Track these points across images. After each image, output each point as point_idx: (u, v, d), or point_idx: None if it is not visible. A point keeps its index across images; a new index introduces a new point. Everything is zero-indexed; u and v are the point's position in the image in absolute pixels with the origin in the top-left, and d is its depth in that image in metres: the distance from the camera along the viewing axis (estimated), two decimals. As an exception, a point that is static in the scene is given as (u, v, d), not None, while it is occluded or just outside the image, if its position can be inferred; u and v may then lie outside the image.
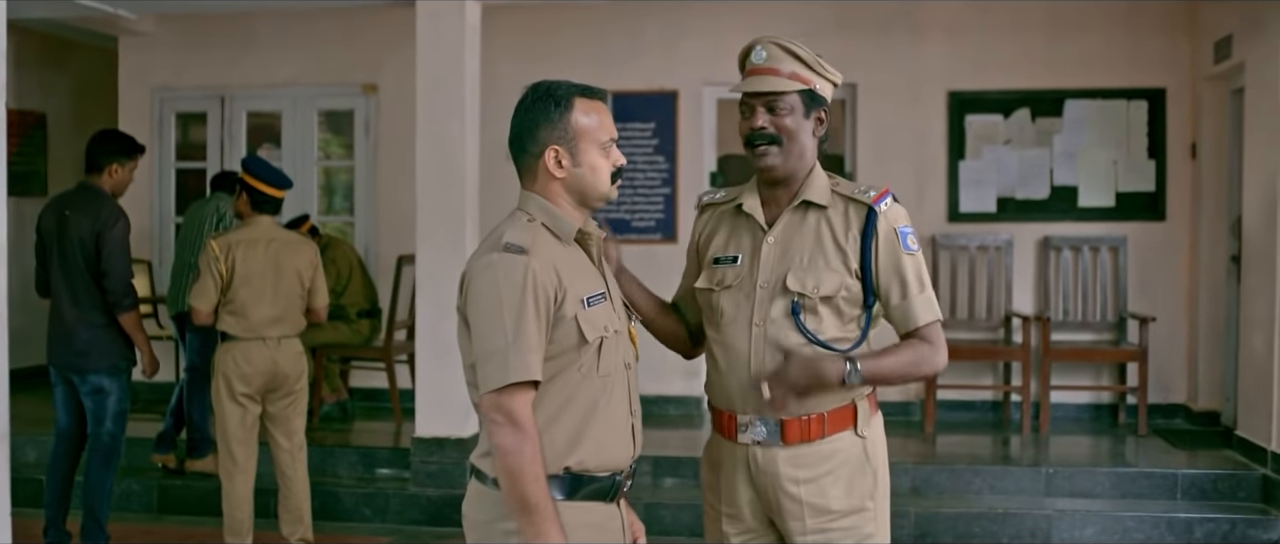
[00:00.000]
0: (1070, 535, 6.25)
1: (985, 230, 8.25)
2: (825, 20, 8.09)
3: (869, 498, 2.95)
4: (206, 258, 5.46)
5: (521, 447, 2.47)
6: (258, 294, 5.48)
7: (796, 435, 2.91)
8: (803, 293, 2.91)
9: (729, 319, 2.97)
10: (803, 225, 2.98)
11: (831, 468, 2.92)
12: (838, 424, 2.92)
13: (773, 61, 2.95)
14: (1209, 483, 6.54)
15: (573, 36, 8.47)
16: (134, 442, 6.59)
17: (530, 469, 2.46)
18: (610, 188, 2.71)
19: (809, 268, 2.93)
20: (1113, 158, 8.22)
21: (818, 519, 2.92)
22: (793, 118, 2.94)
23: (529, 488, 2.46)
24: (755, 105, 2.96)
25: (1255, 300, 6.82)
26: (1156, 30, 8.12)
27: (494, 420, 2.50)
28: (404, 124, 8.26)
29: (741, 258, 3.00)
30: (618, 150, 2.72)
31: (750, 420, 2.94)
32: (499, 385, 2.48)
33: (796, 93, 2.94)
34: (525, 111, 2.68)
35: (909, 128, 8.26)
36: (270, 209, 5.63)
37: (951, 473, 6.72)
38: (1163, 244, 8.18)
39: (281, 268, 5.54)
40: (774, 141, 2.94)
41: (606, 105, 2.72)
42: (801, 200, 2.98)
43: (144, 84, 8.98)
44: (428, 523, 6.59)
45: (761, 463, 2.95)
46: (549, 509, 2.47)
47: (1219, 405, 7.86)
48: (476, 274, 2.57)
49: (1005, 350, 7.98)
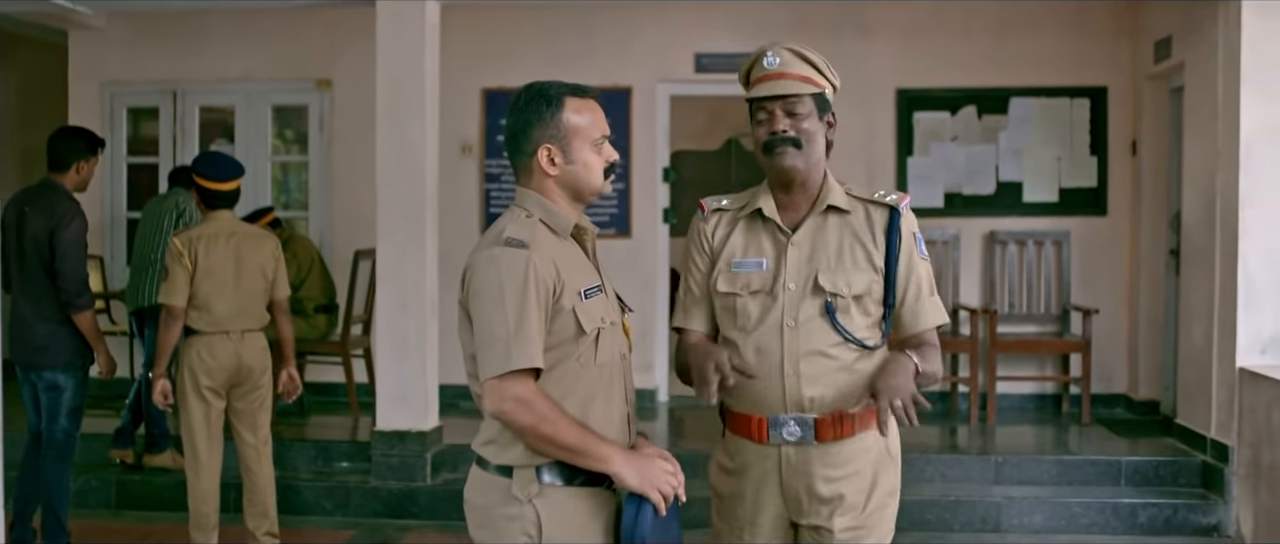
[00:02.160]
0: (1019, 522, 6.44)
1: (933, 225, 8.43)
2: (778, 20, 8.23)
3: (890, 494, 3.06)
4: (171, 253, 5.47)
5: (540, 414, 2.59)
6: (220, 288, 5.49)
7: (830, 433, 2.97)
8: (836, 292, 2.98)
9: (757, 321, 3.02)
10: (826, 228, 3.04)
11: (860, 466, 3.00)
12: (865, 422, 2.99)
13: (786, 66, 3.00)
14: (1151, 470, 6.76)
15: (526, 34, 8.55)
16: (90, 438, 6.59)
17: (557, 426, 2.59)
18: (603, 183, 2.80)
19: (837, 269, 3.00)
20: (1056, 154, 8.44)
21: (846, 517, 2.99)
22: (811, 120, 3.00)
23: (566, 439, 2.60)
24: (774, 109, 2.99)
25: (1194, 294, 7.04)
26: (1098, 31, 8.34)
27: (503, 409, 2.60)
28: (358, 120, 8.31)
29: (765, 262, 3.05)
30: (610, 146, 2.81)
31: (784, 421, 2.99)
32: (502, 371, 2.58)
33: (810, 96, 3.01)
34: (519, 112, 2.77)
35: (859, 125, 8.41)
36: (225, 204, 5.61)
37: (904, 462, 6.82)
38: (1104, 238, 8.41)
39: (243, 261, 5.56)
40: (795, 144, 2.99)
41: (598, 104, 2.81)
42: (827, 205, 3.05)
43: (94, 79, 8.92)
44: (389, 516, 6.65)
45: (795, 462, 3.00)
46: (592, 440, 2.63)
47: (1158, 395, 8.10)
48: (479, 267, 2.66)
49: (953, 342, 8.16)
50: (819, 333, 2.97)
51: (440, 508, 6.63)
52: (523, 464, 2.68)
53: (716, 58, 8.53)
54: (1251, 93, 6.34)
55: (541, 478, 2.67)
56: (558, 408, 2.61)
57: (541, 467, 2.67)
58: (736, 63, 9.13)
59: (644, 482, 2.63)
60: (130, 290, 7.03)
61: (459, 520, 6.74)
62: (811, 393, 2.97)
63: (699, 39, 8.58)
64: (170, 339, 5.48)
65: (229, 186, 5.60)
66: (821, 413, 2.97)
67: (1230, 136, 6.45)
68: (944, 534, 6.41)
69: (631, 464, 2.64)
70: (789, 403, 2.98)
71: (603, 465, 2.62)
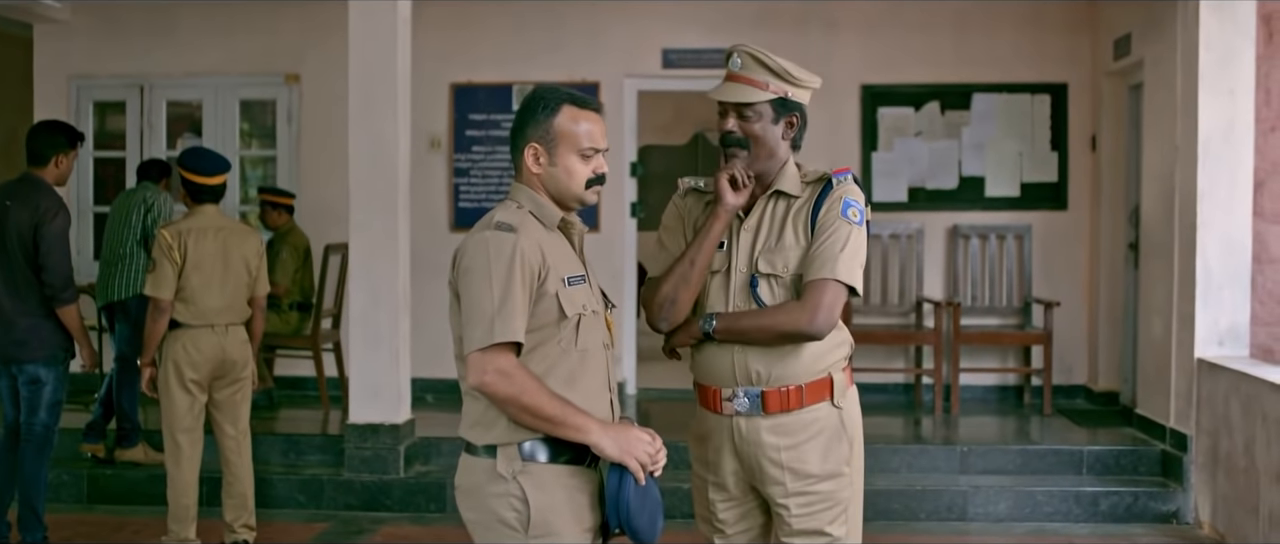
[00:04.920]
0: (985, 510, 6.56)
1: (897, 219, 8.55)
2: (744, 17, 8.33)
3: (845, 464, 3.21)
4: (160, 247, 5.50)
5: (521, 386, 2.71)
6: (207, 282, 5.53)
7: (777, 406, 3.16)
8: (773, 273, 3.15)
9: (714, 301, 3.21)
10: (773, 211, 3.22)
11: (810, 435, 3.17)
12: (815, 395, 3.17)
13: (746, 70, 3.17)
14: (1112, 459, 6.90)
15: (494, 30, 8.61)
16: (62, 432, 6.54)
17: (537, 397, 2.71)
18: (585, 192, 2.90)
19: (777, 249, 3.17)
20: (1018, 150, 8.58)
21: (798, 482, 3.16)
22: (761, 124, 3.18)
23: (546, 410, 2.72)
24: (727, 110, 3.19)
25: (1153, 287, 7.19)
26: (1059, 28, 8.49)
27: (485, 381, 2.71)
28: (327, 114, 8.34)
29: (725, 244, 3.23)
30: (602, 159, 2.91)
31: (734, 393, 3.17)
32: (485, 344, 2.70)
33: (767, 101, 3.16)
34: (521, 111, 2.91)
35: (824, 120, 8.45)
36: (211, 198, 5.65)
37: (870, 452, 6.82)
38: (1065, 232, 8.56)
39: (229, 256, 5.60)
40: (741, 145, 3.18)
41: (598, 117, 2.91)
42: (774, 190, 3.22)
43: (60, 72, 8.88)
44: (362, 508, 6.68)
45: (745, 432, 3.19)
46: (572, 411, 2.74)
47: (1118, 386, 8.25)
48: (469, 249, 2.80)
49: (917, 335, 8.29)
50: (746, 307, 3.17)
51: (413, 500, 6.67)
52: (505, 442, 2.79)
53: (683, 53, 8.61)
54: (1210, 90, 6.47)
55: (524, 453, 2.78)
56: (538, 381, 2.74)
57: (524, 444, 2.78)
58: (703, 58, 9.25)
59: (622, 451, 2.76)
60: (100, 285, 7.02)
61: (432, 512, 6.88)
62: (758, 367, 3.15)
63: (666, 35, 8.64)
64: (158, 331, 5.51)
65: (216, 181, 5.65)
66: (769, 386, 3.15)
67: (1189, 133, 6.59)
68: (911, 523, 6.53)
69: (609, 434, 2.77)
70: (738, 376, 3.17)
71: (581, 435, 2.75)
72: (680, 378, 4.07)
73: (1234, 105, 6.48)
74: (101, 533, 6.33)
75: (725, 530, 3.31)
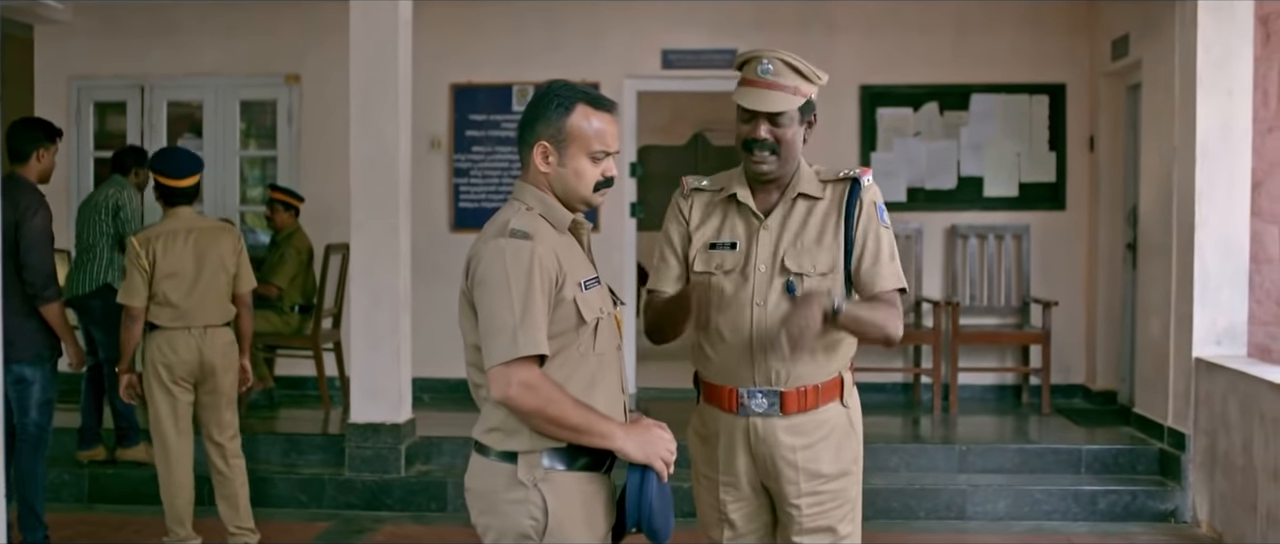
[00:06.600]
0: (983, 509, 6.58)
1: (896, 219, 8.25)
2: (743, 17, 8.35)
3: (853, 462, 3.25)
4: (129, 255, 5.49)
5: (546, 397, 2.67)
6: (180, 285, 5.49)
7: (794, 406, 3.17)
8: (800, 272, 3.15)
9: (730, 299, 3.19)
10: (796, 212, 3.22)
11: (823, 435, 3.19)
12: (828, 395, 3.20)
13: (778, 76, 3.13)
14: (1110, 458, 6.93)
15: (494, 30, 8.63)
16: (59, 432, 6.55)
17: (563, 408, 2.69)
18: (592, 195, 2.86)
19: (804, 250, 3.17)
20: (1016, 150, 8.60)
21: (811, 482, 3.18)
22: (791, 129, 3.17)
23: (572, 420, 2.70)
24: (757, 117, 3.14)
25: (1151, 286, 7.21)
26: (1057, 29, 8.51)
27: (510, 395, 2.67)
28: (327, 115, 8.36)
29: (738, 244, 3.22)
30: (612, 162, 2.86)
31: (751, 393, 3.17)
32: (509, 358, 2.66)
33: (798, 107, 3.16)
34: (532, 105, 2.85)
35: (823, 120, 8.34)
36: (184, 200, 5.60)
37: (869, 452, 6.86)
38: (1063, 232, 8.58)
39: (204, 258, 5.55)
40: (773, 151, 3.16)
41: (613, 118, 2.85)
42: (798, 193, 3.22)
43: (61, 73, 8.89)
44: (364, 508, 6.70)
45: (762, 432, 3.19)
46: (596, 419, 2.73)
47: (1116, 385, 8.27)
48: (485, 258, 2.74)
49: (916, 334, 8.30)
50: (783, 310, 3.12)
51: (414, 500, 6.69)
52: (527, 450, 2.76)
53: (683, 54, 8.63)
54: (1207, 90, 6.49)
55: (545, 463, 2.76)
56: (562, 390, 2.71)
57: (545, 452, 2.75)
58: (703, 59, 9.25)
59: (648, 453, 2.75)
60: (68, 280, 6.97)
61: (433, 511, 6.89)
62: (779, 367, 3.14)
63: (666, 35, 8.66)
64: (131, 339, 5.50)
65: (188, 183, 5.59)
66: (788, 387, 3.16)
67: (1187, 133, 6.61)
68: (909, 522, 6.55)
69: (633, 438, 2.75)
70: (758, 377, 3.17)
71: (607, 442, 2.73)
72: (680, 378, 4.11)
73: (1232, 105, 6.50)
74: (102, 533, 6.34)
75: (736, 529, 3.32)
